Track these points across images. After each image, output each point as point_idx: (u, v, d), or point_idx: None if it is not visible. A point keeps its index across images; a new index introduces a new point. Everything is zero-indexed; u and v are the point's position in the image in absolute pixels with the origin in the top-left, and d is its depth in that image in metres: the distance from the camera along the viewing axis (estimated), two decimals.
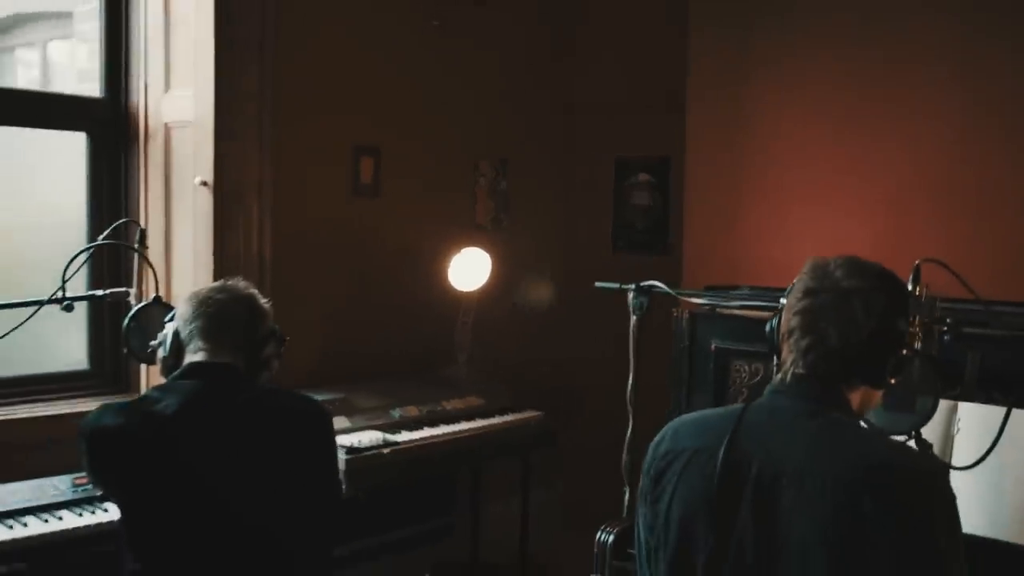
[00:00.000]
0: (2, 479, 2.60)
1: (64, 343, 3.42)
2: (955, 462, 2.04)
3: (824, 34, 3.62)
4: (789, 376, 1.62)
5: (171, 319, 2.15)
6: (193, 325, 2.05)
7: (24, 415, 3.11)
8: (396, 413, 3.45)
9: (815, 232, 3.63)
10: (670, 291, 2.69)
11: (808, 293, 1.64)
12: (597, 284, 2.87)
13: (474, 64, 4.26)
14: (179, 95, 3.36)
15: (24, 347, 2.86)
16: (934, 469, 1.60)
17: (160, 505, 1.89)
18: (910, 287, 1.89)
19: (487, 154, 4.40)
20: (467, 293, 3.91)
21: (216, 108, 3.25)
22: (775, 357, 1.69)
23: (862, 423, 1.65)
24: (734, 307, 2.65)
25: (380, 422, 3.36)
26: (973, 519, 2.04)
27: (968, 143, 3.31)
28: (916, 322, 1.77)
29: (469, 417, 3.61)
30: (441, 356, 3.96)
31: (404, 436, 3.30)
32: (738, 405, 1.69)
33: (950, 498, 1.49)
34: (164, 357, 2.10)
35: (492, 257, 3.96)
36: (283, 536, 1.98)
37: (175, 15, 3.38)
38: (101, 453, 1.92)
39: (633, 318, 2.78)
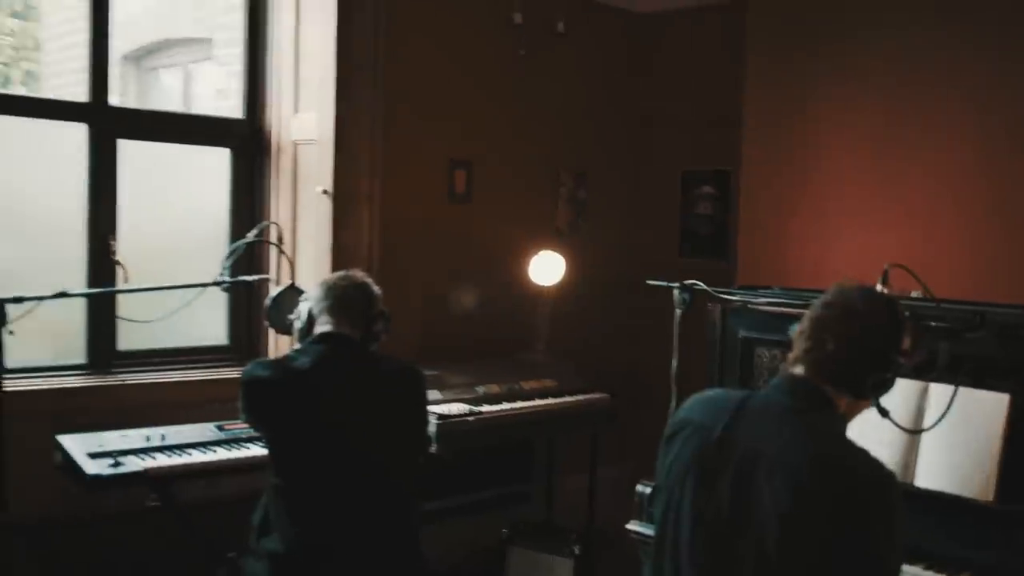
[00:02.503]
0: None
1: (208, 323, 4.11)
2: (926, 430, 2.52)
3: (864, 67, 4.07)
4: (787, 375, 1.98)
5: (305, 300, 2.77)
6: (323, 304, 2.68)
7: (179, 379, 3.81)
8: (480, 389, 4.04)
9: (851, 240, 4.09)
10: (707, 289, 3.22)
11: (824, 306, 1.99)
12: (648, 281, 3.42)
13: (556, 87, 4.83)
14: (305, 117, 4.00)
15: (177, 325, 3.54)
16: (881, 476, 1.81)
17: (296, 436, 2.50)
18: (878, 287, 2.40)
19: (567, 167, 4.96)
20: (544, 288, 4.48)
21: (335, 128, 3.88)
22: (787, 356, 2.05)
23: (841, 426, 1.95)
24: (760, 303, 3.16)
25: (467, 396, 3.94)
26: (932, 477, 2.53)
27: (984, 164, 3.75)
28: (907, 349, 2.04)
29: (543, 396, 4.17)
30: (521, 343, 4.54)
31: (486, 408, 3.88)
32: (744, 392, 2.05)
33: (893, 499, 1.78)
34: (300, 328, 2.73)
35: (570, 258, 4.52)
36: (385, 462, 2.59)
37: (303, 50, 4.03)
38: (254, 396, 2.55)
39: (677, 312, 3.31)
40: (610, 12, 5.07)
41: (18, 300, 2.73)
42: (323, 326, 2.67)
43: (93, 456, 2.83)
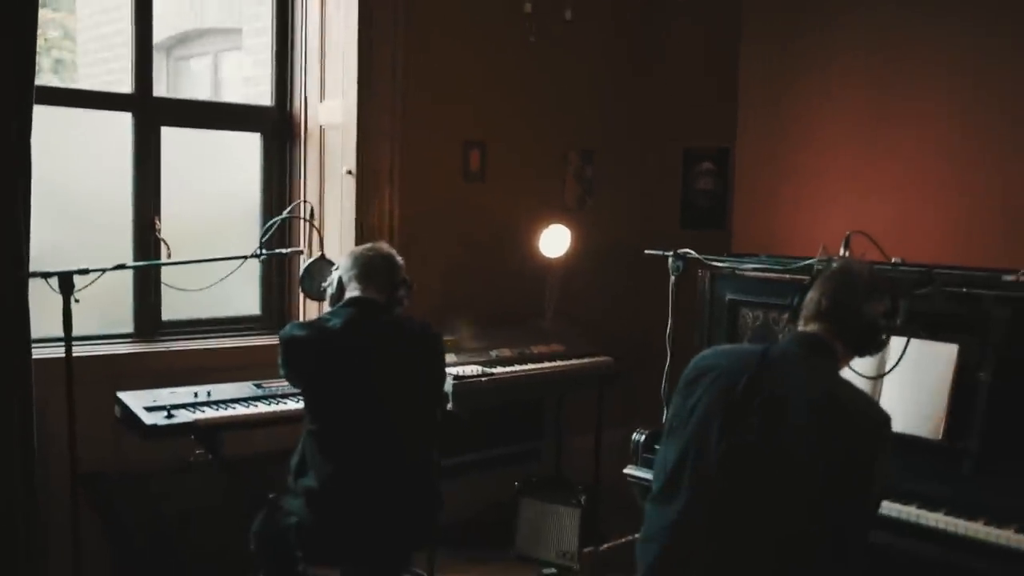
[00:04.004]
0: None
1: (242, 295, 4.46)
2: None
3: (853, 44, 4.37)
4: (803, 333, 2.37)
5: (335, 269, 3.12)
6: (352, 272, 3.02)
7: (217, 346, 4.17)
8: (493, 353, 4.38)
9: (842, 210, 4.41)
10: (697, 256, 3.54)
11: (834, 276, 2.41)
12: (646, 251, 3.75)
13: (564, 70, 5.13)
14: (331, 104, 4.34)
15: (215, 297, 3.90)
16: (879, 410, 2.26)
17: (329, 387, 2.86)
18: (841, 251, 2.72)
19: (575, 146, 5.27)
20: (553, 260, 4.81)
21: (359, 114, 4.20)
22: (795, 314, 2.45)
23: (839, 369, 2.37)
24: (745, 269, 3.48)
25: (480, 359, 4.29)
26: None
27: (968, 135, 4.05)
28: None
29: (552, 359, 4.50)
30: (532, 310, 4.88)
31: (498, 370, 4.22)
32: (762, 346, 2.39)
33: (888, 436, 2.18)
34: (332, 294, 3.08)
35: (578, 232, 4.85)
36: (407, 410, 2.94)
37: (328, 41, 4.35)
38: (292, 353, 2.90)
39: (672, 278, 3.64)
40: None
41: (83, 272, 3.09)
42: (352, 292, 3.02)
43: (149, 410, 3.21)
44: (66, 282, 3.05)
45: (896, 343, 2.81)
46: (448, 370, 3.96)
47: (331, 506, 2.86)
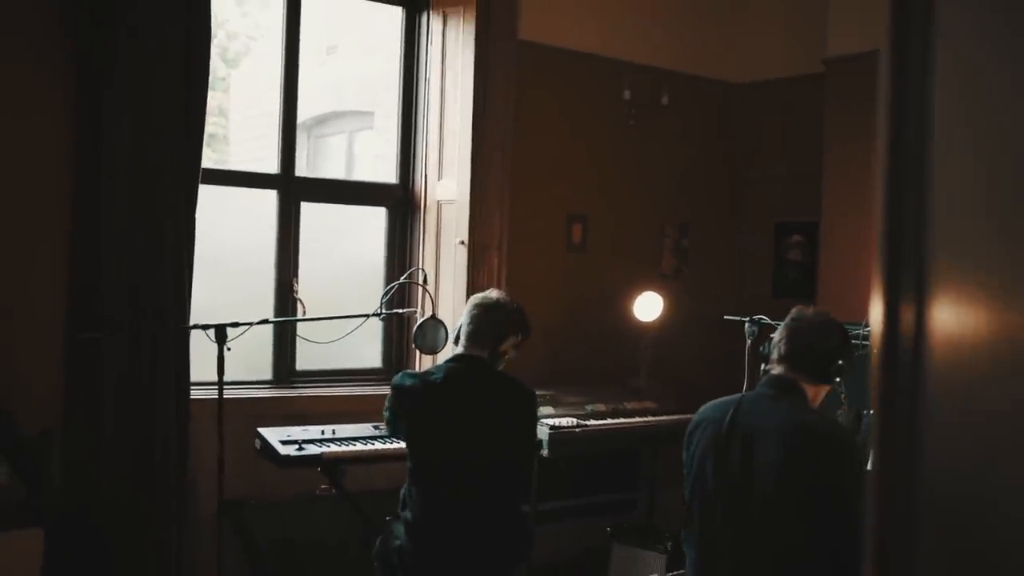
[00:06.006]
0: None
1: (366, 350, 5.02)
2: None
3: None
4: (771, 376, 2.80)
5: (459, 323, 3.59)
6: (462, 328, 3.47)
7: (343, 393, 4.72)
8: (589, 408, 4.80)
9: None
10: (770, 322, 3.91)
11: (788, 324, 2.84)
12: (725, 317, 4.14)
13: (661, 150, 5.58)
14: (447, 182, 4.89)
15: (342, 351, 4.46)
16: (843, 432, 2.69)
17: (429, 431, 3.31)
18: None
19: (671, 219, 5.70)
20: (648, 324, 5.21)
21: (471, 191, 4.74)
22: (765, 361, 2.89)
23: (810, 404, 2.77)
24: None
25: (577, 412, 4.71)
26: None
27: None
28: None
29: (643, 415, 4.91)
30: (627, 370, 5.29)
31: (592, 422, 4.64)
32: (739, 394, 2.83)
33: (854, 451, 2.57)
34: (454, 342, 3.54)
35: (675, 299, 5.26)
36: (495, 456, 3.35)
37: (446, 127, 4.92)
38: (398, 398, 3.36)
39: (748, 341, 4.02)
40: (708, 84, 5.81)
41: (234, 325, 3.66)
42: (459, 348, 3.49)
43: (284, 443, 3.75)
44: (221, 333, 3.62)
45: None
46: (546, 421, 4.42)
47: (423, 535, 3.30)
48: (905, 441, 0.82)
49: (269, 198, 4.70)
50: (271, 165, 4.78)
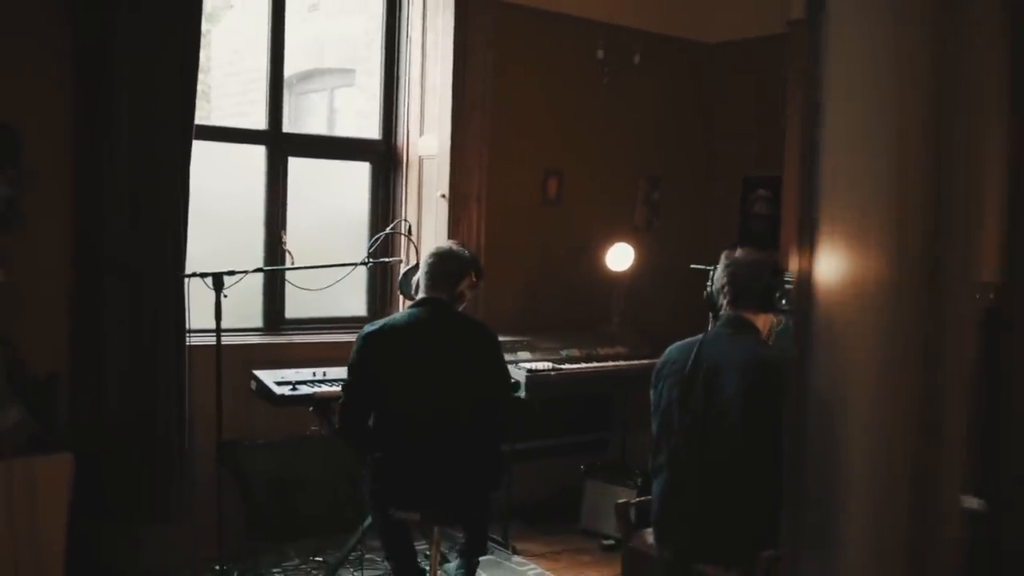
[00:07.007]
0: None
1: (351, 298, 5.25)
2: None
3: None
4: (726, 315, 3.07)
5: (417, 274, 3.81)
6: (422, 275, 3.63)
7: (330, 340, 4.96)
8: (563, 352, 5.08)
9: None
10: None
11: (726, 269, 3.11)
12: (691, 266, 4.40)
13: (634, 108, 5.81)
14: (428, 138, 5.11)
15: (328, 299, 4.69)
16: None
17: (396, 372, 3.45)
18: None
19: (644, 174, 5.94)
20: (620, 274, 5.47)
21: (452, 147, 4.96)
22: (712, 307, 3.17)
23: (761, 337, 3.06)
24: None
25: (552, 356, 4.99)
26: None
27: None
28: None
29: (615, 359, 5.19)
30: (601, 318, 5.56)
31: (567, 366, 4.92)
32: (700, 336, 3.08)
33: None
34: (415, 294, 3.77)
35: (646, 250, 5.52)
36: (457, 393, 3.48)
37: (427, 84, 5.13)
38: (365, 343, 3.48)
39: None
40: (679, 44, 6.02)
41: (231, 273, 3.88)
42: (421, 292, 3.65)
43: (278, 384, 4.00)
44: (219, 281, 3.84)
45: None
46: (523, 364, 4.69)
47: (389, 474, 3.48)
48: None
49: (256, 153, 4.89)
50: (254, 121, 4.96)
